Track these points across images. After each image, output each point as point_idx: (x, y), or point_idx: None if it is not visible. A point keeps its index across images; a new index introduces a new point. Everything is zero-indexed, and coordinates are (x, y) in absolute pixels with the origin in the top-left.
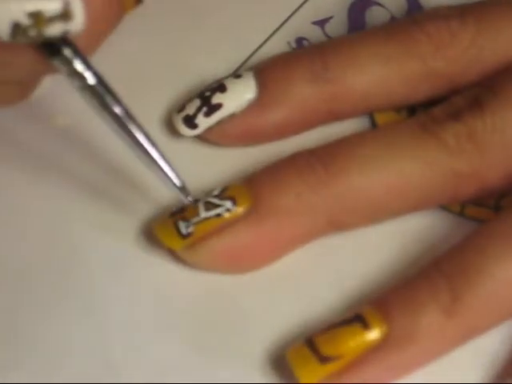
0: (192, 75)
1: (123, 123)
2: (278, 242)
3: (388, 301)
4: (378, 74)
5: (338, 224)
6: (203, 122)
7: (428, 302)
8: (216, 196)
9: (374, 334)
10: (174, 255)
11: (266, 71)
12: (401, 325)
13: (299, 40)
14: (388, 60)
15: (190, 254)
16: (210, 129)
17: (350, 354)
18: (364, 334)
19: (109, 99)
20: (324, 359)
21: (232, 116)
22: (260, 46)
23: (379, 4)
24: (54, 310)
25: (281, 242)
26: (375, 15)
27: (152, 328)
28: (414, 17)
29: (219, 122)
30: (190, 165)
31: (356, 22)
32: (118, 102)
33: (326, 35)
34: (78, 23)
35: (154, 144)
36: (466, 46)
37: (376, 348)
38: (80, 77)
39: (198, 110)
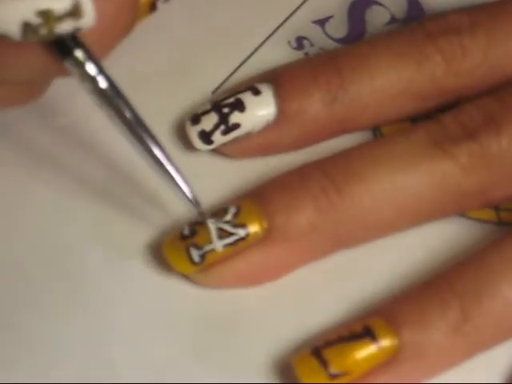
0: (192, 75)
1: (134, 128)
2: (289, 263)
3: (398, 315)
4: (391, 93)
5: (347, 244)
6: (219, 139)
7: (439, 321)
8: (229, 222)
9: (383, 351)
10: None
11: (285, 93)
12: (410, 342)
13: (299, 39)
14: (400, 78)
15: (200, 277)
16: (224, 144)
17: (360, 369)
18: (374, 351)
19: (120, 103)
20: (333, 375)
21: (248, 133)
22: (260, 45)
23: (379, 3)
24: (54, 310)
25: (291, 263)
26: (375, 15)
27: (152, 329)
28: (425, 26)
29: (235, 139)
30: (198, 172)
31: (356, 21)
32: (129, 106)
33: (326, 34)
34: (88, 20)
35: (164, 151)
36: (477, 63)
37: (385, 363)
38: (91, 79)
39: (216, 127)
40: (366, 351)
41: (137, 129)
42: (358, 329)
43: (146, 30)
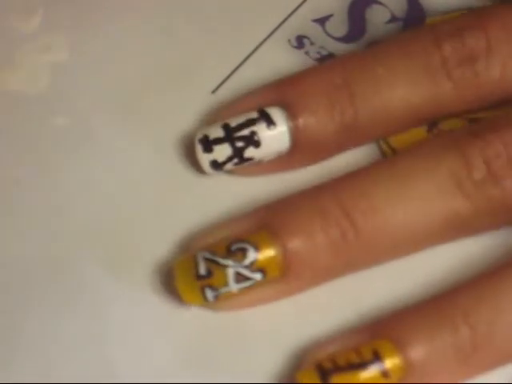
0: (193, 74)
1: None
2: (298, 292)
3: (408, 338)
4: (401, 119)
5: (356, 271)
6: (230, 167)
7: (449, 348)
8: (247, 267)
9: (392, 377)
10: None
11: (301, 126)
12: (419, 366)
13: (299, 38)
14: (412, 108)
15: (211, 306)
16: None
17: None
18: (383, 378)
19: None
20: None
21: (260, 161)
22: (260, 44)
23: (379, 2)
24: (54, 310)
25: (300, 291)
26: (375, 13)
27: (152, 330)
28: (441, 48)
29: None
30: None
31: (356, 20)
32: None
33: (327, 33)
34: None
35: None
36: (489, 92)
37: None
38: None
39: (229, 159)
40: (374, 379)
41: None
42: (367, 355)
43: (146, 30)
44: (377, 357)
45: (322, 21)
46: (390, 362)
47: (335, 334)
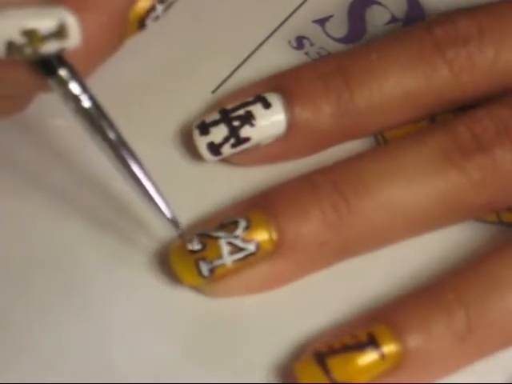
0: (193, 74)
1: (116, 149)
2: (295, 274)
3: (402, 322)
4: (398, 105)
5: (353, 255)
6: (228, 151)
7: (444, 329)
8: (239, 237)
9: (387, 360)
10: None
11: (296, 107)
12: (414, 350)
13: (299, 39)
14: (408, 92)
15: (207, 288)
16: (232, 155)
17: (363, 378)
18: (378, 360)
19: (103, 123)
20: None
21: (257, 145)
22: (260, 45)
23: (379, 3)
24: (54, 310)
25: (297, 273)
26: (375, 14)
27: (151, 329)
28: (434, 33)
29: (243, 150)
30: (201, 177)
31: (356, 20)
32: (112, 127)
33: (327, 34)
34: (73, 41)
35: (145, 172)
36: (484, 74)
37: (388, 371)
38: (75, 99)
39: (225, 140)
40: (370, 361)
41: (119, 149)
42: (362, 337)
43: (146, 30)
44: (372, 339)
45: (321, 21)
46: (386, 344)
47: (333, 326)
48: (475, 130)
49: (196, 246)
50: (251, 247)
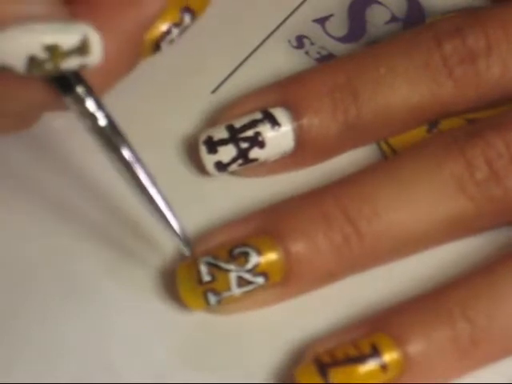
0: (193, 74)
1: (131, 168)
2: (300, 294)
3: (405, 331)
4: (403, 118)
5: (357, 273)
6: (234, 168)
7: (447, 342)
8: (249, 271)
9: (390, 371)
10: None
11: (305, 126)
12: (417, 360)
13: (299, 38)
14: (414, 107)
15: (214, 310)
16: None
17: None
18: (381, 372)
19: (118, 142)
20: None
21: (264, 162)
22: (260, 44)
23: (379, 2)
24: (54, 311)
25: (303, 293)
26: (375, 13)
27: (152, 331)
28: (442, 47)
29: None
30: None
31: (356, 20)
32: (128, 145)
33: (327, 33)
34: (95, 57)
35: (159, 192)
36: (489, 90)
37: (390, 381)
38: (91, 117)
39: (234, 160)
40: (372, 372)
41: (133, 168)
42: (365, 349)
43: None
44: (375, 351)
45: (322, 21)
46: (389, 356)
47: (334, 330)
48: (489, 157)
49: (206, 278)
50: (260, 280)
